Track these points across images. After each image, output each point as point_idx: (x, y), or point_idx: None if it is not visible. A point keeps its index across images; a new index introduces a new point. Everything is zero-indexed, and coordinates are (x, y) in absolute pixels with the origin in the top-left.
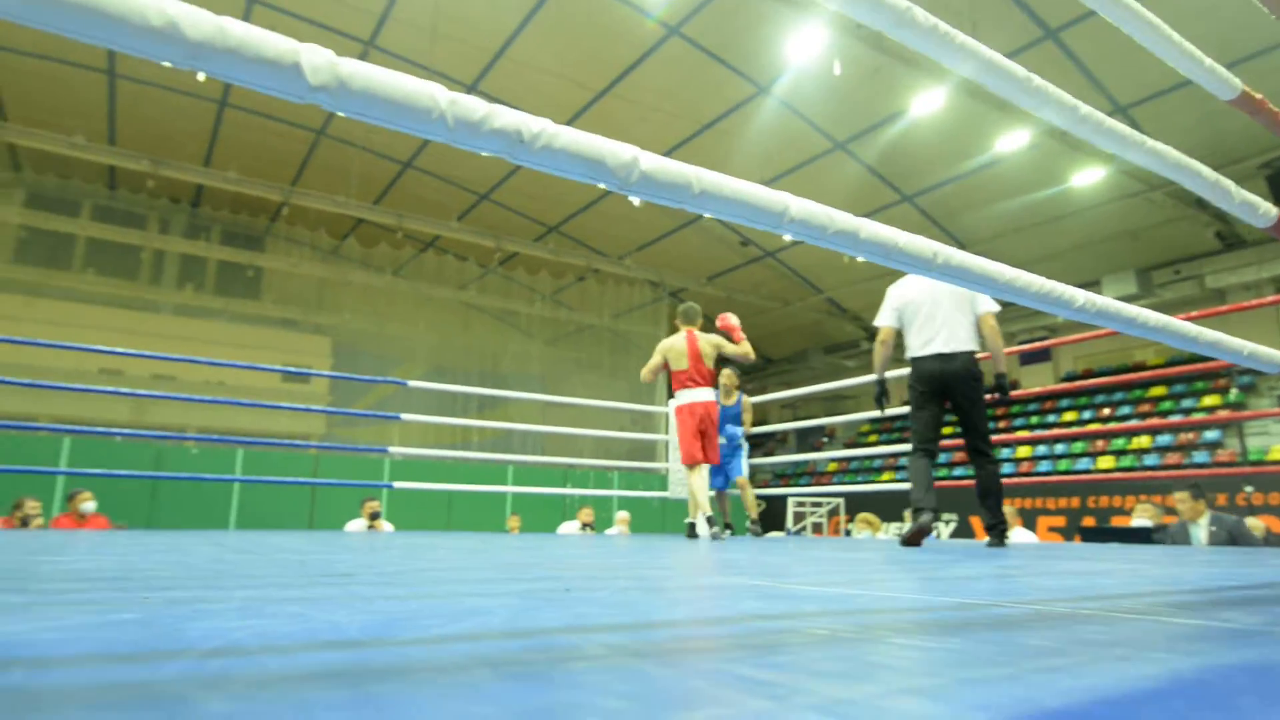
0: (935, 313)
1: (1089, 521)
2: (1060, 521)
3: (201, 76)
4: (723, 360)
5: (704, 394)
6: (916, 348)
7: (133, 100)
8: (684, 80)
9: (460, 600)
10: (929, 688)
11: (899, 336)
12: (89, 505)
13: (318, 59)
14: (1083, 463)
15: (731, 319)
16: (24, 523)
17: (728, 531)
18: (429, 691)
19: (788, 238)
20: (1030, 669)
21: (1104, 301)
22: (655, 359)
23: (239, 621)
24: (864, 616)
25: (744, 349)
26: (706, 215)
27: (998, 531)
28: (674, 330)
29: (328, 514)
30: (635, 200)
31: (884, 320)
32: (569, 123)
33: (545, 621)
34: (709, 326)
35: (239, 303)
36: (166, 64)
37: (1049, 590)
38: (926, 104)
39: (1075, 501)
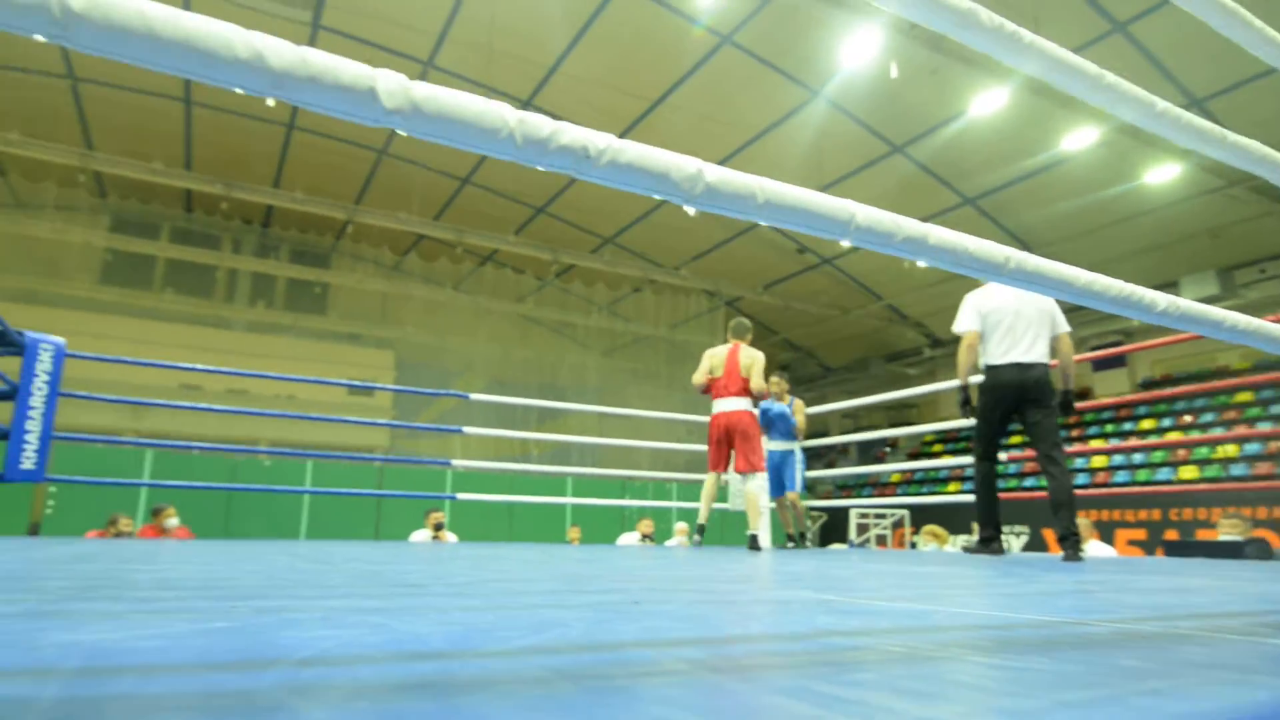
0: (1017, 324)
1: (1171, 535)
2: (1140, 535)
3: (271, 102)
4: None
5: (731, 404)
6: (996, 356)
7: (207, 126)
8: (737, 88)
9: (534, 612)
10: (1023, 709)
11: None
12: (172, 521)
13: (392, 84)
14: (1163, 473)
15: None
16: (118, 537)
17: (790, 544)
18: (514, 704)
19: (845, 244)
20: (1129, 691)
21: (1187, 305)
22: (704, 364)
23: (325, 631)
24: (941, 634)
25: (760, 386)
26: (765, 223)
27: (1071, 543)
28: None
29: (393, 524)
30: (691, 210)
31: (969, 325)
32: (623, 134)
33: (619, 634)
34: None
35: (307, 318)
36: (254, 94)
37: (1136, 607)
38: (987, 103)
39: (1156, 514)
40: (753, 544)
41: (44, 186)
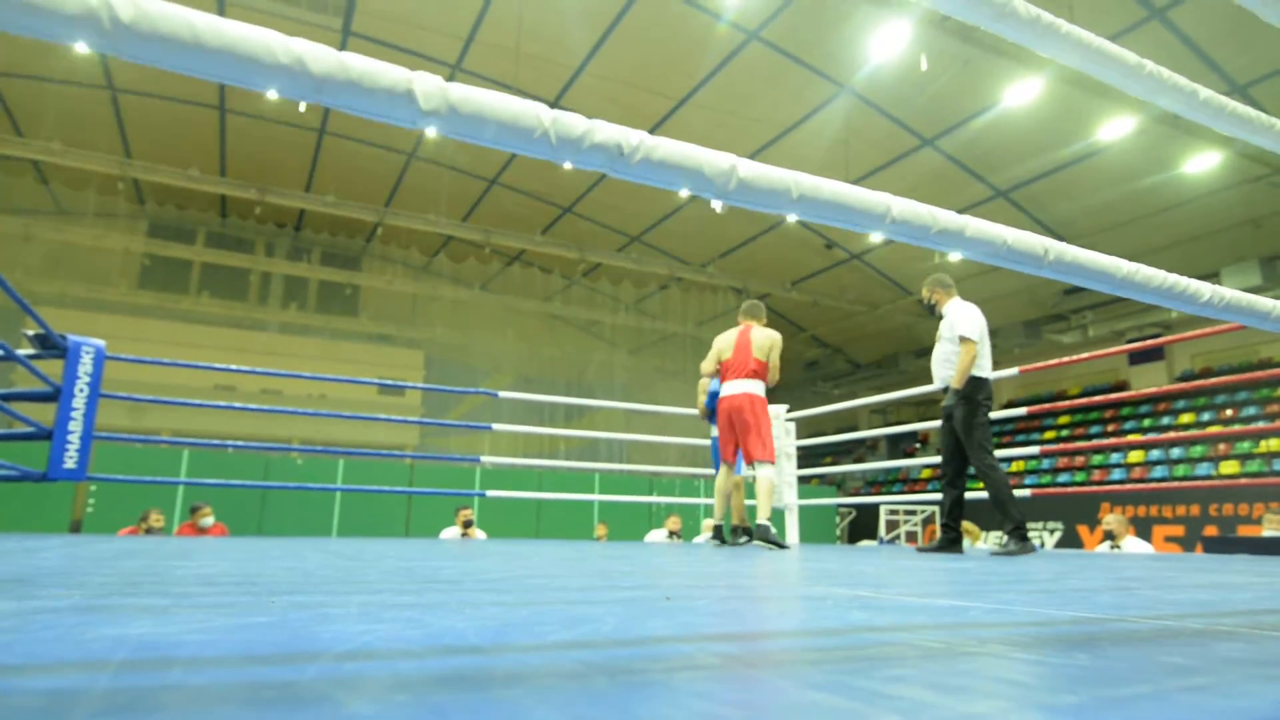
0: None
1: (1211, 531)
2: (1178, 531)
3: (303, 107)
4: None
5: (738, 385)
6: (988, 369)
7: (241, 133)
8: (763, 85)
9: (567, 608)
10: (1064, 705)
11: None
12: (207, 520)
13: (429, 85)
14: (1203, 468)
15: None
16: (149, 533)
17: (744, 539)
18: (552, 697)
19: (874, 239)
20: (1172, 688)
21: (1233, 295)
22: (713, 350)
23: (363, 626)
24: (978, 630)
25: (777, 369)
26: (793, 219)
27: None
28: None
29: (423, 521)
30: (718, 206)
31: (977, 335)
32: (649, 133)
33: (653, 630)
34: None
35: (338, 320)
36: (295, 99)
37: (1177, 604)
38: (1021, 94)
39: (1195, 509)
40: (761, 534)
41: (85, 194)
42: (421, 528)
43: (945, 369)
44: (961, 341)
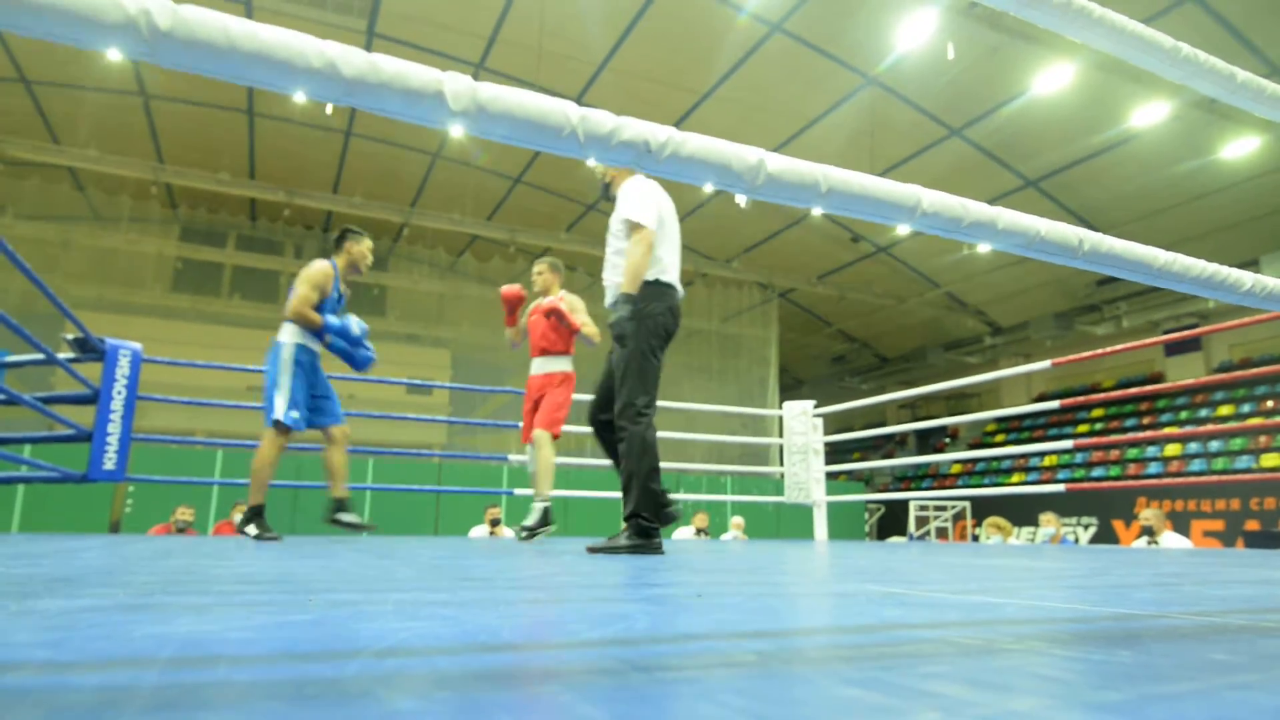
0: (678, 236)
1: (1253, 526)
2: (1218, 525)
3: (329, 109)
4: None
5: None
6: (671, 272)
7: (269, 136)
8: (787, 77)
9: (599, 605)
10: (1110, 703)
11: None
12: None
13: (459, 86)
14: (1242, 461)
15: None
16: (179, 529)
17: (351, 523)
18: (591, 694)
19: (901, 231)
20: (1220, 686)
21: (1276, 283)
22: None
23: (399, 623)
24: (1016, 627)
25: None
26: (818, 212)
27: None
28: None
29: (451, 520)
30: (742, 201)
31: (654, 221)
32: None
33: (686, 627)
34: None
35: (366, 319)
36: (327, 101)
37: (1220, 600)
38: (1051, 80)
39: (1235, 504)
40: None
41: (119, 200)
42: (450, 526)
43: (616, 274)
44: (633, 230)
